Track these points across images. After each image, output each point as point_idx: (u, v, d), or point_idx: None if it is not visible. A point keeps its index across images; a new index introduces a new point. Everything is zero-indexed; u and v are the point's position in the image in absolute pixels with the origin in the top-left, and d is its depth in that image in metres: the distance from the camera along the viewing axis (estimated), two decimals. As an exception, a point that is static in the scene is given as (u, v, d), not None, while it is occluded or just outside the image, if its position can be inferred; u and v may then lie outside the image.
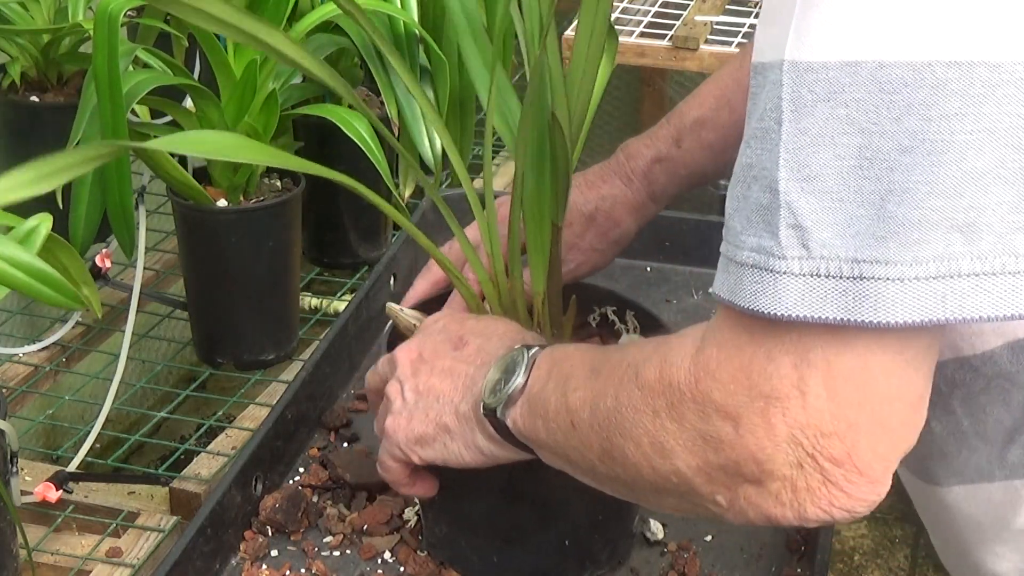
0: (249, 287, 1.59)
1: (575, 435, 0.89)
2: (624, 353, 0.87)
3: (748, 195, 0.73)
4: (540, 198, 1.09)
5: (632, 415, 0.82)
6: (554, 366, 0.94)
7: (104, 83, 1.37)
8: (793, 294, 0.70)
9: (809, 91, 0.70)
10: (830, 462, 0.73)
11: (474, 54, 1.15)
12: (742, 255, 0.73)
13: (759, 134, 0.72)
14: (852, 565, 2.66)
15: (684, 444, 0.79)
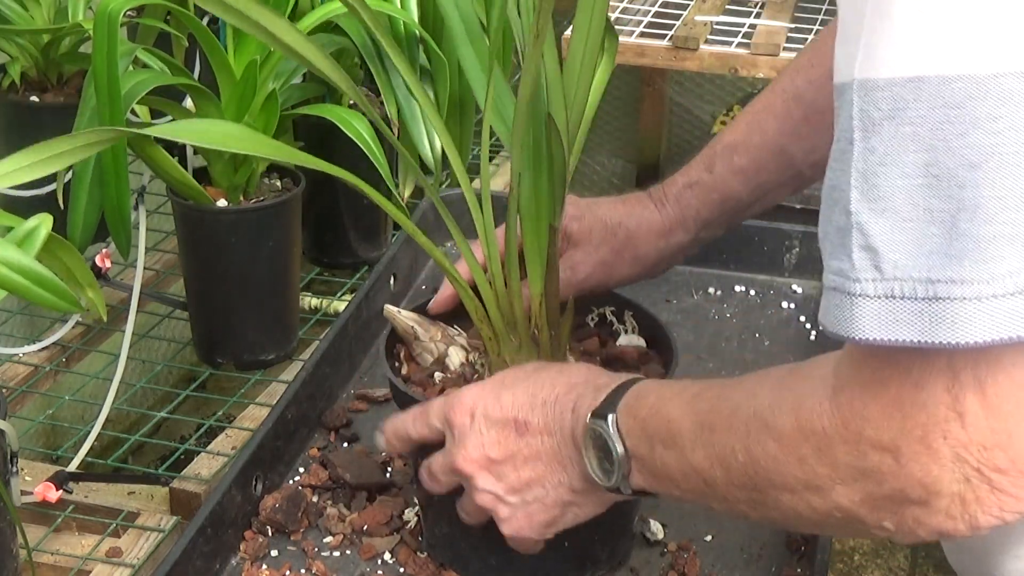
0: (249, 287, 1.59)
1: (714, 491, 0.89)
2: (736, 402, 0.86)
3: (831, 217, 0.73)
4: (537, 199, 1.08)
5: (775, 466, 0.82)
6: (646, 423, 0.93)
7: (104, 83, 1.37)
8: (869, 317, 0.70)
9: (876, 109, 0.70)
10: (996, 472, 0.74)
11: (471, 54, 1.15)
12: (828, 278, 0.73)
13: (837, 155, 0.72)
14: (852, 565, 2.66)
15: (842, 482, 0.78)
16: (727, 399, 0.86)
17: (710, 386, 0.91)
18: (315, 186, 1.69)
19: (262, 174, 1.62)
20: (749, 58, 2.47)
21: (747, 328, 1.49)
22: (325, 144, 1.69)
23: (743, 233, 1.57)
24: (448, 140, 1.12)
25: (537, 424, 0.99)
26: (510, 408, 1.00)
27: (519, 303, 1.10)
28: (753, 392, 0.84)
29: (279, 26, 1.01)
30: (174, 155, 1.54)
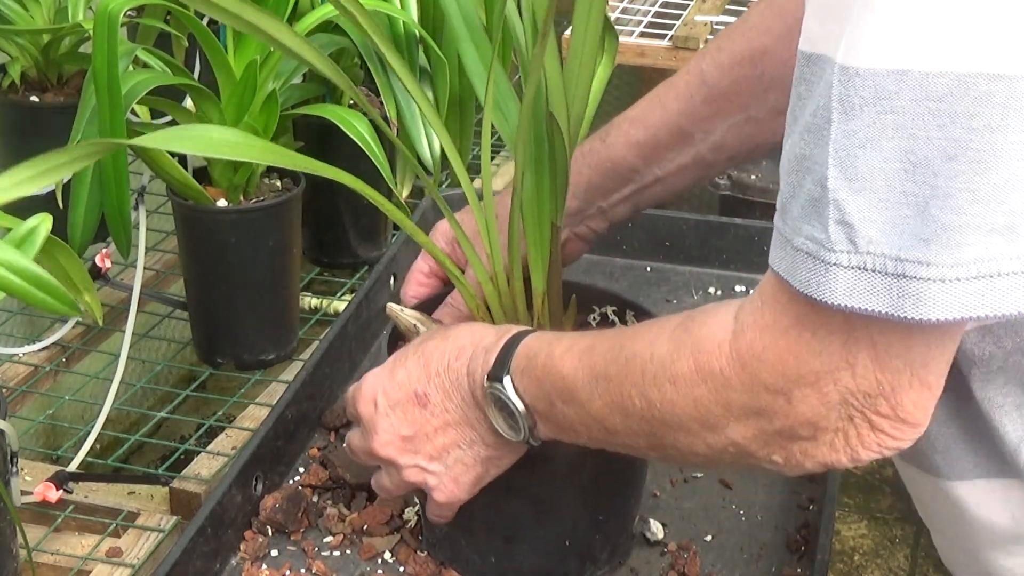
0: (249, 287, 1.59)
1: (615, 437, 0.94)
2: (632, 351, 0.90)
3: (802, 184, 0.77)
4: (539, 198, 1.09)
5: (671, 408, 0.86)
6: (542, 382, 0.97)
7: (103, 83, 1.37)
8: (843, 285, 0.75)
9: (857, 95, 0.73)
10: (877, 415, 0.80)
11: (472, 53, 1.15)
12: (798, 240, 0.77)
13: (812, 128, 0.76)
14: (852, 565, 2.66)
15: (736, 420, 0.84)
16: (622, 348, 0.90)
17: (602, 337, 0.94)
18: (315, 186, 1.69)
19: (262, 174, 1.62)
20: (749, 58, 2.47)
21: (747, 328, 1.48)
22: (325, 144, 1.69)
23: (743, 233, 1.58)
24: (447, 140, 1.12)
25: (436, 394, 1.04)
26: (407, 384, 1.05)
27: (521, 301, 1.11)
28: (651, 341, 0.88)
29: (278, 29, 1.02)
30: (174, 155, 1.54)
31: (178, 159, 1.55)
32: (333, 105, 1.70)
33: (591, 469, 1.09)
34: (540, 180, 1.08)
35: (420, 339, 1.08)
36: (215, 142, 1.03)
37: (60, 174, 0.99)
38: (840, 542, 2.69)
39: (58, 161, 0.98)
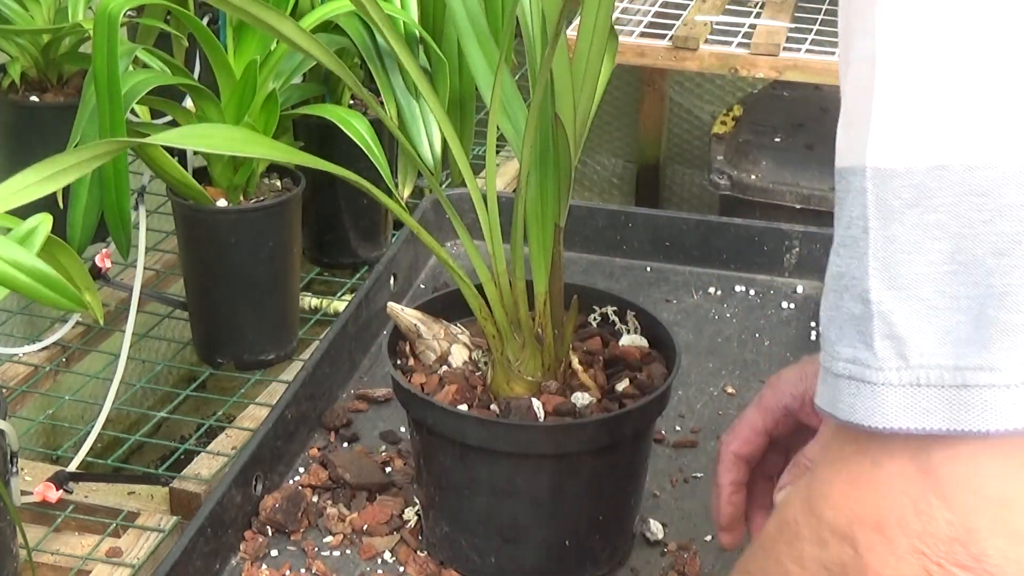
0: (249, 287, 1.59)
1: None
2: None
3: (840, 305, 0.71)
4: (543, 198, 1.09)
5: (761, 566, 0.79)
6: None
7: (103, 83, 1.37)
8: (894, 405, 0.68)
9: (896, 197, 0.68)
10: (959, 567, 0.70)
11: (477, 53, 1.15)
12: (838, 366, 0.71)
13: (847, 242, 0.70)
14: (852, 565, 2.66)
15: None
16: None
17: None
18: (315, 186, 1.70)
19: (262, 174, 1.62)
20: (749, 58, 2.47)
21: (747, 328, 1.49)
22: (325, 144, 1.70)
23: (743, 233, 1.58)
24: (453, 136, 1.12)
25: None
26: None
27: (523, 301, 1.11)
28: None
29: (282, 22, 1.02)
30: (174, 155, 1.54)
31: (178, 159, 1.56)
32: (333, 105, 1.71)
33: (591, 469, 1.09)
34: (544, 181, 1.08)
35: None
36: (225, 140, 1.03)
37: (67, 178, 0.99)
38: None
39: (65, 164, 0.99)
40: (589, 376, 1.14)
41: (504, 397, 1.10)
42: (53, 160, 0.98)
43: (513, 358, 1.11)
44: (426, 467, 1.13)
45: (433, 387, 1.12)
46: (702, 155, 3.31)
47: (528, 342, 1.11)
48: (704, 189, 3.31)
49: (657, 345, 1.18)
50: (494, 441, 1.07)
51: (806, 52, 2.48)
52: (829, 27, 2.58)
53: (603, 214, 1.60)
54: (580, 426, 1.07)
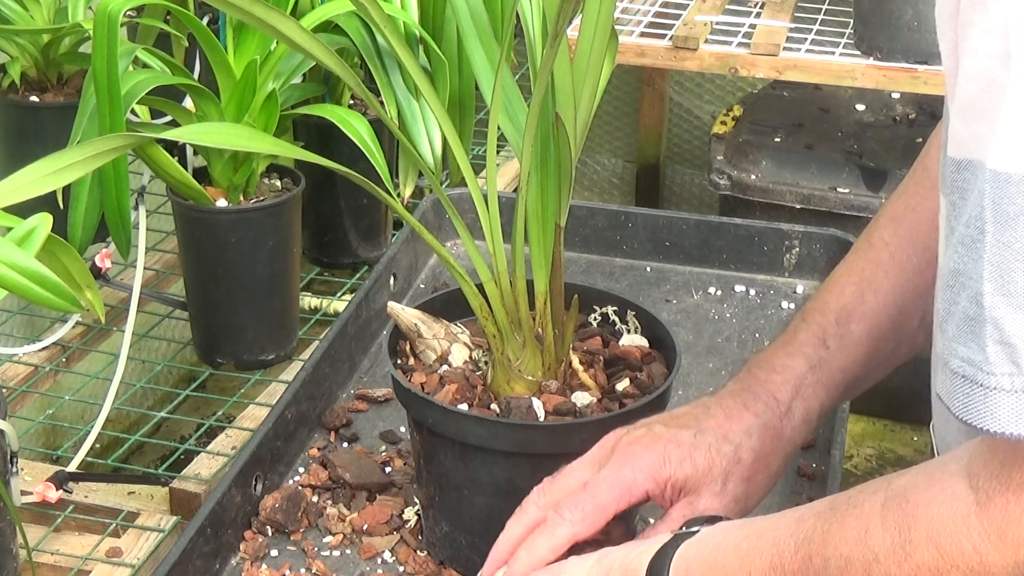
0: (249, 287, 1.59)
1: None
2: (842, 554, 0.80)
3: (957, 301, 0.72)
4: (543, 198, 1.09)
5: None
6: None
7: (103, 83, 1.37)
8: (1008, 411, 0.69)
9: (1011, 203, 0.68)
10: None
11: (479, 53, 1.15)
12: (954, 363, 0.72)
13: (966, 241, 0.71)
14: (852, 565, 2.66)
15: None
16: (824, 558, 0.81)
17: (778, 550, 0.84)
18: (315, 186, 1.69)
19: (262, 174, 1.62)
20: (749, 58, 2.47)
21: (747, 328, 1.49)
22: (324, 144, 1.70)
23: (743, 233, 1.58)
24: (453, 135, 1.12)
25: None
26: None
27: (524, 301, 1.11)
28: (858, 539, 0.79)
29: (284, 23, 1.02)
30: (174, 155, 1.54)
31: (178, 159, 1.55)
32: (333, 105, 1.71)
33: (591, 469, 1.09)
34: (545, 181, 1.08)
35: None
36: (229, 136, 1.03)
37: (72, 174, 1.00)
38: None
39: (70, 160, 0.99)
40: (589, 376, 1.14)
41: (504, 397, 1.10)
42: (56, 156, 0.98)
43: (513, 357, 1.11)
44: (426, 467, 1.13)
45: (433, 386, 1.12)
46: (702, 155, 3.31)
47: (528, 342, 1.11)
48: (704, 189, 3.31)
49: (657, 345, 1.18)
50: (494, 441, 1.07)
51: (806, 52, 2.48)
52: (829, 27, 2.58)
53: (603, 214, 1.60)
54: (580, 426, 1.07)
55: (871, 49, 2.42)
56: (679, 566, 0.89)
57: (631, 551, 0.93)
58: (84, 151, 1.01)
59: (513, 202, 1.10)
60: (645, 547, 0.92)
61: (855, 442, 2.93)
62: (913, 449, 2.93)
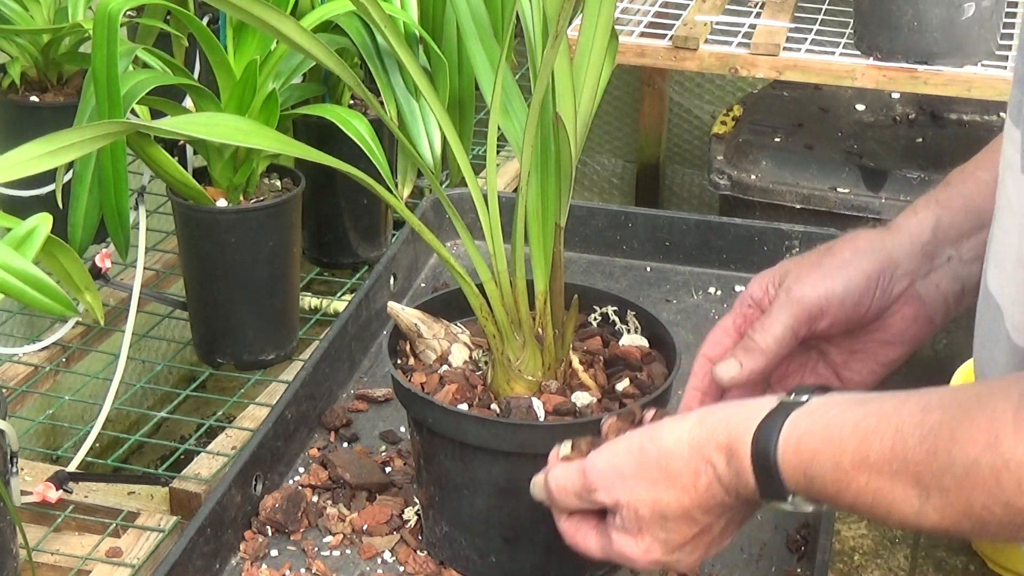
0: (249, 287, 1.59)
1: (960, 533, 0.86)
2: (951, 455, 0.80)
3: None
4: (543, 198, 1.09)
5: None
6: (838, 497, 0.87)
7: (103, 83, 1.37)
8: None
9: None
10: None
11: (479, 53, 1.15)
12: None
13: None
14: (852, 565, 2.66)
15: None
16: (950, 455, 0.80)
17: (900, 437, 0.83)
18: (315, 186, 1.69)
19: (262, 174, 1.62)
20: (749, 58, 2.47)
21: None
22: (324, 144, 1.68)
23: (743, 233, 1.57)
24: (453, 135, 1.12)
25: (703, 518, 0.94)
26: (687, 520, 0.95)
27: (524, 301, 1.11)
28: (989, 442, 0.78)
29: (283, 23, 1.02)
30: (174, 155, 1.54)
31: (178, 159, 1.55)
32: (333, 105, 1.70)
33: (591, 469, 1.09)
34: (545, 181, 1.08)
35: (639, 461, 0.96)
36: (230, 129, 1.03)
37: (69, 155, 0.99)
38: (840, 542, 2.69)
39: (68, 141, 0.99)
40: (589, 376, 1.14)
41: (504, 396, 1.10)
42: (56, 136, 0.98)
43: (513, 357, 1.11)
44: (426, 467, 1.13)
45: (433, 386, 1.12)
46: (702, 155, 3.31)
47: (528, 341, 1.11)
48: (704, 189, 3.31)
49: (657, 345, 1.18)
50: (494, 440, 1.07)
51: (806, 52, 2.48)
52: (829, 27, 2.58)
53: (603, 214, 1.60)
54: (580, 425, 1.07)
55: (871, 49, 2.42)
56: (789, 437, 0.88)
57: (735, 413, 0.92)
58: (83, 133, 1.01)
59: (513, 202, 1.10)
60: (749, 411, 0.91)
61: (855, 442, 2.93)
62: (913, 449, 2.92)
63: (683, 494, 0.93)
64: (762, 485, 0.89)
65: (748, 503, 0.93)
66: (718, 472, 0.91)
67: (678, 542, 0.95)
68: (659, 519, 0.94)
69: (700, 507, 0.93)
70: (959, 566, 2.64)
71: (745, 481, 0.90)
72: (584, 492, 0.97)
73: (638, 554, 0.96)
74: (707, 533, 0.95)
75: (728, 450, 0.90)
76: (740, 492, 0.91)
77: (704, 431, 0.92)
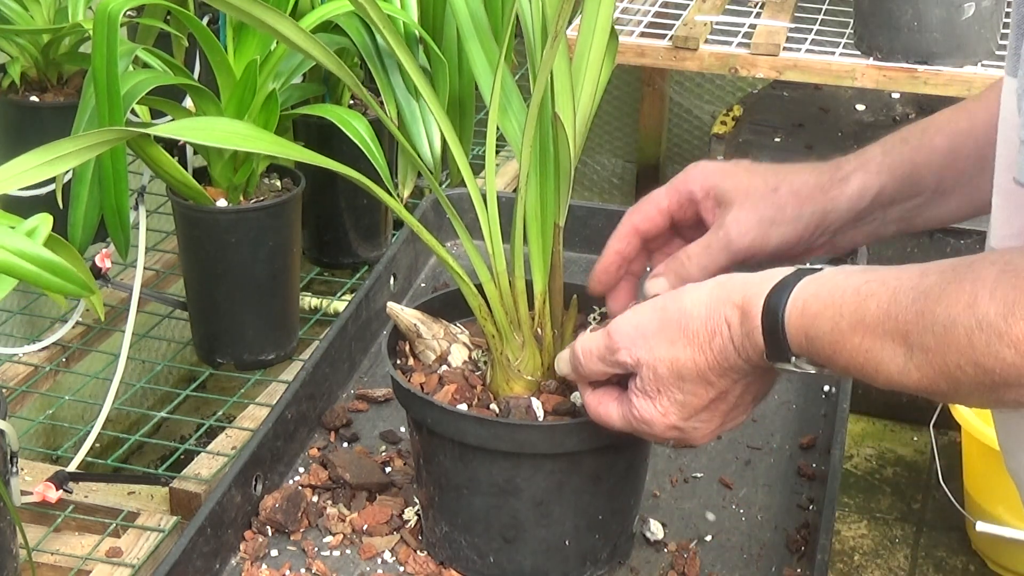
0: (249, 287, 1.59)
1: (941, 397, 0.88)
2: (948, 317, 0.83)
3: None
4: (543, 199, 1.09)
5: (1015, 372, 0.80)
6: (834, 358, 0.91)
7: (103, 83, 1.37)
8: None
9: None
10: None
11: (479, 53, 1.15)
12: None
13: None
14: (852, 565, 2.66)
15: None
16: (933, 315, 0.84)
17: (895, 300, 0.87)
18: (315, 186, 1.69)
19: (262, 174, 1.62)
20: (749, 58, 2.47)
21: (747, 328, 1.48)
22: (324, 144, 1.69)
23: (743, 233, 1.57)
24: (453, 136, 1.12)
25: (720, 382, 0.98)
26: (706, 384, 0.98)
27: (523, 301, 1.11)
28: (968, 303, 0.81)
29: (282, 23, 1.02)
30: (174, 155, 1.54)
31: (178, 159, 1.55)
32: (333, 105, 1.71)
33: (590, 468, 1.09)
34: (544, 181, 1.08)
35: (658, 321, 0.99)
36: (227, 133, 1.03)
37: (68, 163, 1.00)
38: (840, 542, 2.69)
39: (66, 150, 0.99)
40: (589, 376, 1.14)
41: (503, 396, 1.10)
42: (55, 145, 0.99)
43: (512, 357, 1.11)
44: (426, 467, 1.13)
45: (433, 387, 1.12)
46: (702, 155, 3.31)
47: (528, 341, 1.11)
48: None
49: (657, 345, 1.18)
50: (494, 440, 1.07)
51: (806, 52, 2.48)
52: (829, 27, 2.59)
53: (603, 214, 1.60)
54: (579, 425, 1.07)
55: (871, 49, 2.42)
56: (797, 300, 0.92)
57: (753, 278, 0.97)
58: (81, 141, 1.01)
59: (511, 202, 1.10)
60: (766, 276, 0.96)
61: (855, 442, 2.93)
62: (913, 449, 2.93)
63: (699, 353, 0.97)
64: (769, 346, 0.93)
65: (759, 370, 0.97)
66: (732, 332, 0.95)
67: (695, 405, 0.98)
68: (676, 378, 0.98)
69: (715, 368, 0.97)
70: (959, 566, 2.65)
71: (755, 341, 0.94)
72: (608, 353, 1.01)
73: (656, 416, 0.99)
74: (723, 400, 0.99)
75: (742, 310, 0.94)
76: (750, 355, 0.95)
77: (723, 292, 0.97)
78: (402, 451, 1.28)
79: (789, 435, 1.32)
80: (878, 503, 2.79)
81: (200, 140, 1.11)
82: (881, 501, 2.80)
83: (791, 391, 1.39)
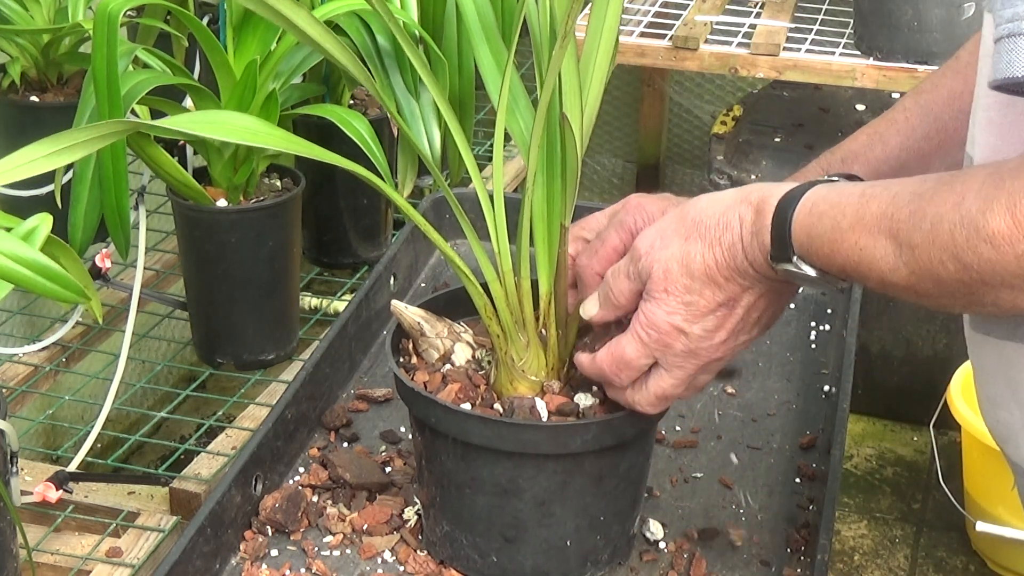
0: (249, 287, 1.59)
1: (927, 300, 0.90)
2: (936, 214, 0.85)
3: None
4: (549, 199, 1.09)
5: (991, 268, 0.82)
6: (832, 257, 0.93)
7: (103, 83, 1.37)
8: None
9: None
10: None
11: (486, 53, 1.15)
12: (1002, 28, 0.77)
13: None
14: (852, 565, 2.66)
15: None
16: (924, 214, 0.86)
17: (894, 201, 0.89)
18: (315, 186, 1.69)
19: (262, 174, 1.62)
20: (749, 58, 2.47)
21: (748, 328, 1.48)
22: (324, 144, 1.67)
23: (744, 233, 1.57)
24: (458, 129, 1.12)
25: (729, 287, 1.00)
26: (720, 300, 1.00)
27: (528, 301, 1.10)
28: (956, 202, 0.84)
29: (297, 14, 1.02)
30: (174, 155, 1.54)
31: (178, 159, 1.55)
32: (333, 105, 1.70)
33: (593, 469, 1.09)
34: (551, 182, 1.08)
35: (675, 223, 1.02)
36: (235, 128, 1.03)
37: (71, 156, 0.99)
38: (840, 542, 2.69)
39: (69, 142, 0.99)
40: (591, 376, 1.14)
41: (507, 396, 1.10)
42: (59, 136, 0.98)
43: (517, 357, 1.11)
44: (427, 466, 1.13)
45: (436, 385, 1.12)
46: (702, 155, 3.31)
47: (532, 342, 1.11)
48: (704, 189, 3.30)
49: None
50: (497, 440, 1.07)
51: (806, 52, 2.48)
52: (829, 27, 2.59)
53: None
54: (583, 426, 1.07)
55: (871, 49, 2.42)
56: (807, 201, 0.95)
57: (771, 184, 1.00)
58: (85, 134, 1.01)
59: (514, 202, 1.10)
60: (784, 184, 0.99)
61: (855, 442, 2.93)
62: (913, 449, 2.93)
63: (708, 249, 0.99)
64: (774, 244, 0.96)
65: (765, 283, 0.99)
66: (743, 230, 0.98)
67: (701, 307, 1.00)
68: (686, 275, 1.00)
69: (723, 267, 0.99)
70: (959, 566, 2.65)
71: (762, 240, 0.96)
72: (632, 263, 1.03)
73: (662, 318, 1.01)
74: (729, 310, 1.00)
75: (757, 208, 0.97)
76: (756, 257, 0.97)
77: (741, 193, 1.01)
78: (402, 451, 1.28)
79: (789, 435, 1.32)
80: (878, 503, 2.79)
81: (210, 134, 1.11)
82: (881, 501, 2.80)
83: (791, 391, 1.39)
